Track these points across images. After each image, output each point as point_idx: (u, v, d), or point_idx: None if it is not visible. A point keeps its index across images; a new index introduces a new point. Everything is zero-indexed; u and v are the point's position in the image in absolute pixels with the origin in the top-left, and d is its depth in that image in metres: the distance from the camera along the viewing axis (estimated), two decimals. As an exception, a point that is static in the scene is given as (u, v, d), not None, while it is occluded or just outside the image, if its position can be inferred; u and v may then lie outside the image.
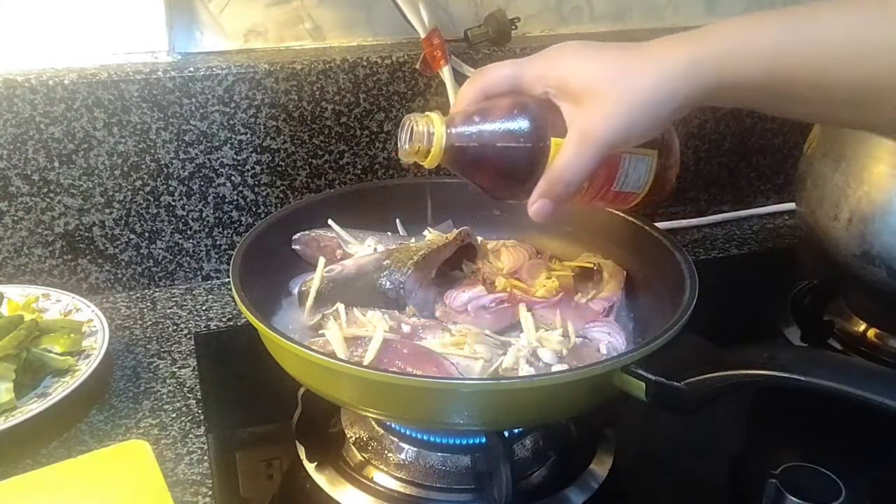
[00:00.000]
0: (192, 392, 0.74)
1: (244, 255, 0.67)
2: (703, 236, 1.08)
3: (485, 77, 0.58)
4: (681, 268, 0.66)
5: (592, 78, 0.53)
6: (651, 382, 0.55)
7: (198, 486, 0.63)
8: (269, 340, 0.61)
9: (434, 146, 0.57)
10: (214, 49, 0.90)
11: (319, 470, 0.66)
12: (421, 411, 0.58)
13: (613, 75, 0.53)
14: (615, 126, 0.52)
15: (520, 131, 0.55)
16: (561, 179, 0.55)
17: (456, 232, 0.75)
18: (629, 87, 0.52)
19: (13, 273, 0.85)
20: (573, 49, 0.56)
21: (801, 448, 0.71)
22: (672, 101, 0.52)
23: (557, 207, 0.57)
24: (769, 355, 0.54)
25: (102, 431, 0.69)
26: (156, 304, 0.89)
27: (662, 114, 0.53)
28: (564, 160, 0.54)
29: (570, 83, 0.54)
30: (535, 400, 0.56)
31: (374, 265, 0.70)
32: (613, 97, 0.52)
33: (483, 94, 0.58)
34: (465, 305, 0.69)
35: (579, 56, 0.55)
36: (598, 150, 0.53)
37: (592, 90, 0.53)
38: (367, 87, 0.90)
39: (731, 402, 0.58)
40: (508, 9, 0.95)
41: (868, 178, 0.76)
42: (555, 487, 0.64)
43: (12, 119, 0.80)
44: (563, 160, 0.54)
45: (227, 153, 0.88)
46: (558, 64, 0.55)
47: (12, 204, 0.83)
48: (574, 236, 0.79)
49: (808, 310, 0.89)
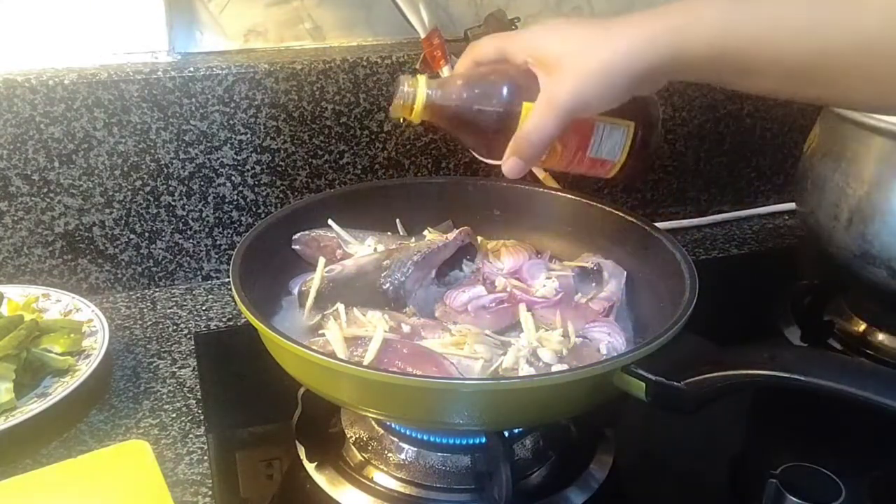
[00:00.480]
0: (192, 392, 0.74)
1: (244, 255, 0.67)
2: (703, 236, 1.08)
3: (476, 47, 0.65)
4: (681, 268, 0.66)
5: (561, 50, 0.59)
6: (651, 382, 0.55)
7: (198, 486, 0.63)
8: (269, 340, 0.61)
9: (416, 103, 0.64)
10: (214, 49, 0.90)
11: (319, 470, 0.66)
12: (421, 411, 0.58)
13: (578, 47, 0.58)
14: (573, 92, 0.58)
15: (494, 94, 0.62)
16: (527, 139, 0.60)
17: (456, 232, 0.75)
18: (589, 58, 0.57)
19: (13, 273, 0.85)
20: (554, 25, 0.62)
21: (801, 448, 0.71)
22: (627, 71, 0.56)
23: (526, 165, 0.62)
24: (769, 355, 0.54)
25: (102, 431, 0.69)
26: (156, 304, 0.89)
27: (619, 83, 0.57)
28: (530, 122, 0.60)
29: (544, 54, 0.60)
30: (535, 400, 0.56)
31: (374, 265, 0.70)
32: (575, 67, 0.57)
33: (473, 62, 0.65)
34: (465, 305, 0.69)
35: (555, 30, 0.61)
36: (558, 114, 0.58)
37: (560, 61, 0.58)
38: (367, 87, 0.90)
39: (731, 402, 0.58)
40: (508, 9, 0.95)
41: (868, 178, 0.76)
42: (555, 487, 0.64)
43: (12, 119, 0.80)
44: (529, 122, 0.60)
45: (227, 153, 0.88)
46: (538, 37, 0.61)
47: (12, 204, 0.83)
48: (574, 236, 0.79)
49: (808, 310, 0.89)
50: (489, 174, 0.95)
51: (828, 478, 0.57)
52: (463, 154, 0.94)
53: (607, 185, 1.04)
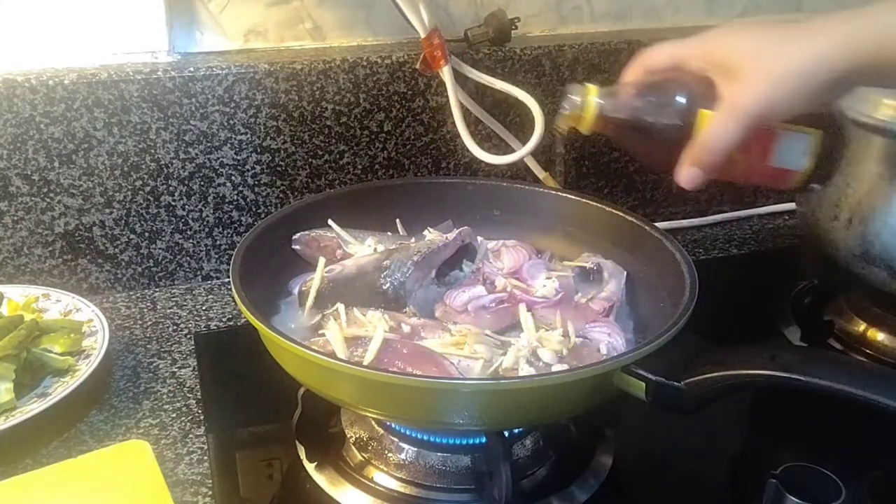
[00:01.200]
0: (192, 392, 0.74)
1: (244, 255, 0.67)
2: (703, 236, 1.08)
3: (647, 55, 0.62)
4: (681, 268, 0.67)
5: (742, 52, 0.56)
6: (651, 382, 0.55)
7: (198, 486, 0.63)
8: (269, 340, 0.61)
9: (587, 113, 0.62)
10: (214, 49, 0.90)
11: (319, 470, 0.66)
12: (421, 411, 0.58)
13: (761, 49, 0.55)
14: (759, 96, 0.55)
15: (670, 102, 0.60)
16: (707, 147, 0.58)
17: (456, 232, 0.75)
18: (775, 60, 0.54)
19: (13, 273, 0.85)
20: (730, 28, 0.59)
21: (801, 448, 0.71)
22: (820, 74, 0.53)
23: (704, 175, 0.59)
24: (769, 355, 0.54)
25: (102, 431, 0.69)
26: (156, 304, 0.89)
27: (810, 87, 0.54)
28: (712, 129, 0.57)
29: (722, 58, 0.57)
30: (535, 400, 0.56)
31: (374, 265, 0.70)
32: (759, 70, 0.54)
33: (644, 70, 0.62)
34: (465, 305, 0.69)
35: (733, 33, 0.58)
36: (742, 119, 0.55)
37: (741, 64, 0.55)
38: (367, 87, 0.90)
39: (731, 402, 0.58)
40: (508, 9, 0.95)
41: (868, 178, 0.76)
42: (555, 487, 0.64)
43: (12, 119, 0.80)
44: (710, 129, 0.57)
45: (227, 153, 0.88)
46: (714, 41, 0.59)
47: (12, 204, 0.83)
48: (574, 236, 0.79)
49: (808, 310, 0.89)
50: (489, 174, 0.95)
51: (828, 478, 0.57)
52: (463, 154, 0.94)
53: (607, 185, 1.05)
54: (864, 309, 0.86)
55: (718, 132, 0.57)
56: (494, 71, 0.92)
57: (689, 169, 0.59)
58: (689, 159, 0.59)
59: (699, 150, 0.58)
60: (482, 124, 0.94)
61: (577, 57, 0.96)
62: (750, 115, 0.55)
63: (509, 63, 0.94)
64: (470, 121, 0.91)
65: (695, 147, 0.59)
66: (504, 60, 0.93)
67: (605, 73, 0.98)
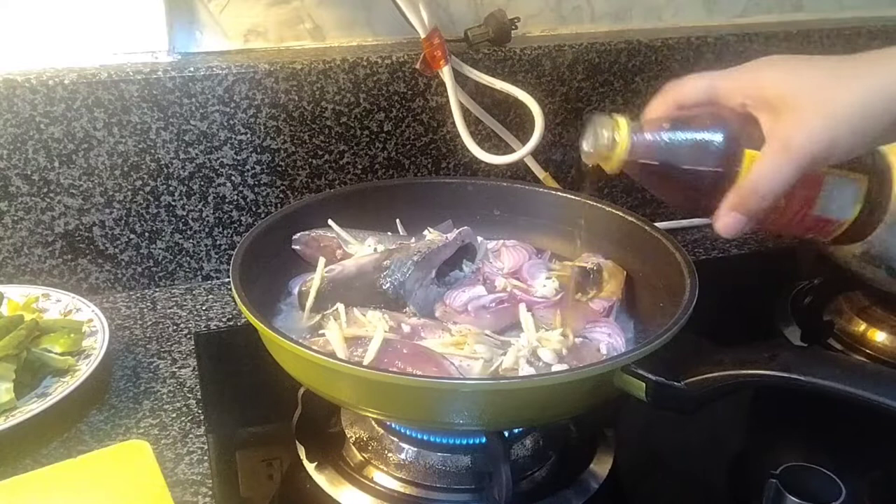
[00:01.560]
0: (192, 392, 0.74)
1: (244, 255, 0.67)
2: (703, 236, 1.08)
3: (678, 88, 0.56)
4: (681, 268, 0.67)
5: (793, 87, 0.51)
6: (651, 382, 0.55)
7: (198, 486, 0.63)
8: (269, 340, 0.61)
9: (618, 151, 0.55)
10: (214, 49, 0.90)
11: (319, 470, 0.66)
12: (421, 411, 0.58)
13: (817, 84, 0.50)
14: (817, 137, 0.49)
15: (711, 142, 0.53)
16: (755, 192, 0.52)
17: (456, 232, 0.75)
18: (834, 98, 0.49)
19: (13, 273, 0.85)
20: (773, 60, 0.53)
21: (801, 448, 0.71)
22: (883, 116, 0.48)
23: (749, 222, 0.54)
24: (769, 355, 0.54)
25: (102, 431, 0.69)
26: (156, 304, 0.89)
27: (872, 130, 0.49)
28: (760, 171, 0.51)
29: (770, 93, 0.52)
30: (535, 400, 0.56)
31: (374, 265, 0.70)
32: (816, 107, 0.49)
33: (676, 104, 0.56)
34: (465, 305, 0.69)
35: (779, 66, 0.53)
36: (797, 161, 0.50)
37: (793, 100, 0.50)
38: (367, 87, 0.90)
39: (731, 402, 0.58)
40: (508, 9, 0.95)
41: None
42: (555, 487, 0.64)
43: (12, 119, 0.80)
44: (758, 171, 0.51)
45: (227, 153, 0.88)
46: (757, 74, 0.53)
47: (12, 204, 0.83)
48: (574, 236, 0.79)
49: (808, 310, 0.89)
50: (489, 174, 0.95)
51: (828, 478, 0.57)
52: (463, 154, 0.94)
53: (607, 185, 1.05)
54: (864, 309, 0.86)
55: (769, 174, 0.51)
56: (494, 71, 0.92)
57: (731, 215, 0.53)
58: (731, 204, 0.53)
59: (746, 195, 0.52)
60: (482, 124, 0.94)
61: (577, 57, 0.96)
62: (806, 155, 0.49)
63: (509, 63, 0.94)
64: (470, 121, 0.91)
65: (740, 191, 0.52)
66: (504, 60, 0.93)
67: (605, 74, 0.98)
